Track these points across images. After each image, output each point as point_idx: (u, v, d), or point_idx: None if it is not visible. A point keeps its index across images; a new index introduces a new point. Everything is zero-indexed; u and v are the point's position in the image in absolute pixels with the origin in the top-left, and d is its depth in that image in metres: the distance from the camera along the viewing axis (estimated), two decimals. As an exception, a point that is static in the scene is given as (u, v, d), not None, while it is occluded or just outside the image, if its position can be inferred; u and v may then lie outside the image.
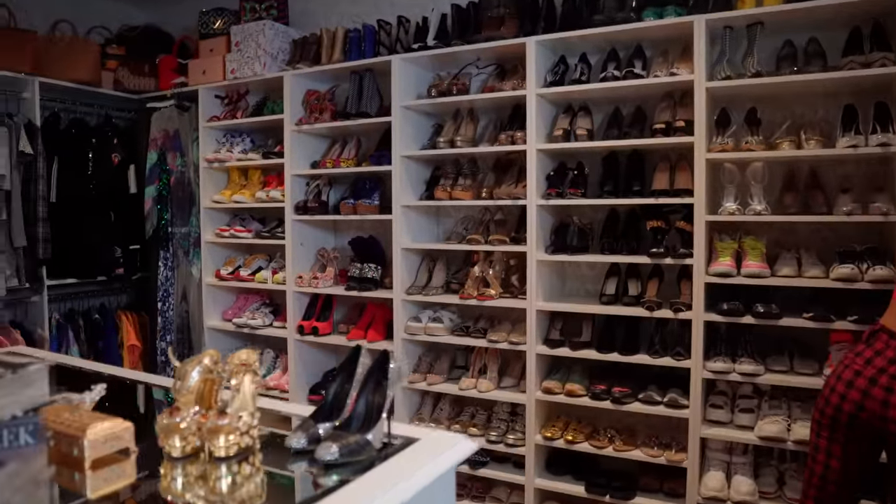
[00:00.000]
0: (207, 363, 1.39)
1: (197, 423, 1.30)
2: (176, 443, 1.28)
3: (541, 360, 2.89)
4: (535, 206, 2.82)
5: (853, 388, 1.62)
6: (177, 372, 1.39)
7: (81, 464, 1.23)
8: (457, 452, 1.32)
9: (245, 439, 1.29)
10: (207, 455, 1.27)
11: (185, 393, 1.36)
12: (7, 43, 3.43)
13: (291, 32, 3.59)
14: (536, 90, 2.78)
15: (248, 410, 1.33)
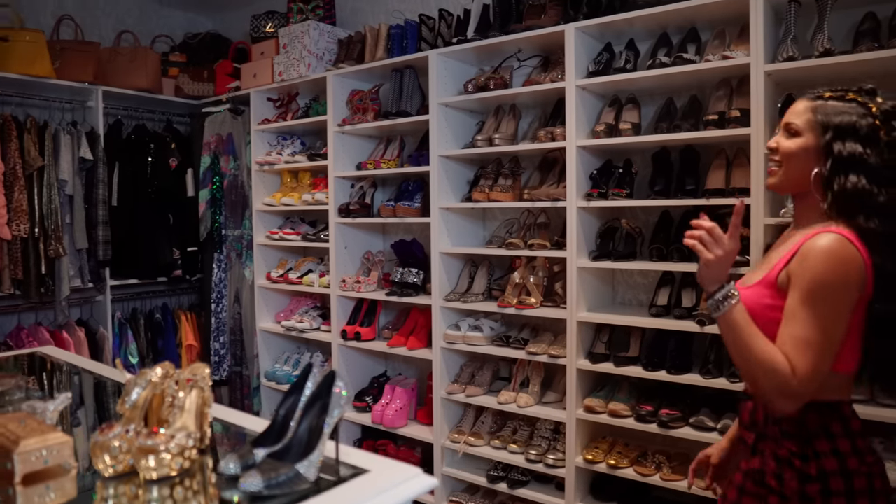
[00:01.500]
0: (155, 377, 1.30)
1: (129, 441, 1.21)
2: (106, 461, 1.20)
3: (585, 376, 2.67)
4: (575, 208, 2.60)
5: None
6: (126, 385, 1.31)
7: (13, 478, 1.18)
8: (408, 489, 1.16)
9: (177, 461, 1.19)
10: (142, 476, 1.19)
11: (130, 408, 1.28)
12: (73, 55, 3.57)
13: (338, 32, 3.53)
14: (577, 81, 2.56)
15: (186, 430, 1.23)
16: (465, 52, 2.95)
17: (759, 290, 1.33)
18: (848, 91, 1.33)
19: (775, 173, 1.37)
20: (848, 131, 1.27)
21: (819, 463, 1.26)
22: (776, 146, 1.36)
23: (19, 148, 3.31)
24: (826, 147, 1.29)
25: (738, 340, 1.26)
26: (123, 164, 3.75)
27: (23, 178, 3.31)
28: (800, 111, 1.34)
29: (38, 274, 3.40)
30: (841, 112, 1.29)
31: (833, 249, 1.22)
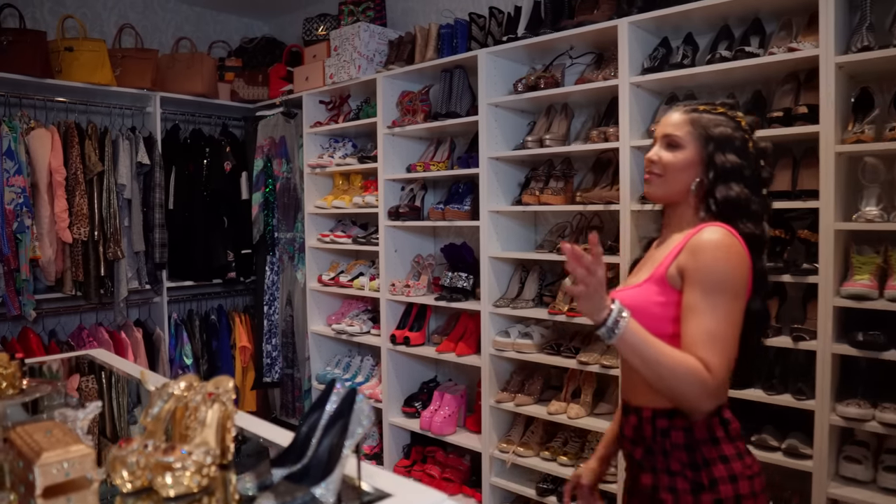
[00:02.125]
0: (178, 390, 1.28)
1: (147, 456, 1.18)
2: (124, 476, 1.17)
3: (637, 387, 2.53)
4: (629, 212, 2.47)
5: None
6: (150, 397, 1.29)
7: (34, 490, 1.17)
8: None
9: (195, 479, 1.15)
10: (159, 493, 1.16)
11: (151, 421, 1.26)
12: (133, 63, 3.66)
13: (388, 33, 3.49)
14: (631, 79, 2.43)
15: (206, 447, 1.19)
16: (516, 51, 2.86)
17: (648, 288, 1.33)
18: (715, 104, 1.37)
19: (656, 183, 1.38)
20: (727, 143, 1.32)
21: (709, 471, 1.26)
22: (657, 159, 1.36)
23: (80, 154, 3.40)
24: (709, 158, 1.32)
25: (645, 357, 1.20)
26: (180, 167, 3.82)
27: (84, 182, 3.40)
28: (678, 123, 1.36)
29: (98, 276, 3.49)
30: (718, 124, 1.33)
31: (724, 241, 1.25)
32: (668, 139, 1.37)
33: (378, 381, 3.54)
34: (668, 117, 1.39)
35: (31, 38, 3.36)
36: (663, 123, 1.39)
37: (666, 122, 1.39)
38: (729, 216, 1.30)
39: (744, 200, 1.31)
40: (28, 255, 3.27)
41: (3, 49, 3.27)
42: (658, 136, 1.40)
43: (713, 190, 1.32)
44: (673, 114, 1.39)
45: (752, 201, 1.32)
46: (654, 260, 1.39)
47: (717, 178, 1.32)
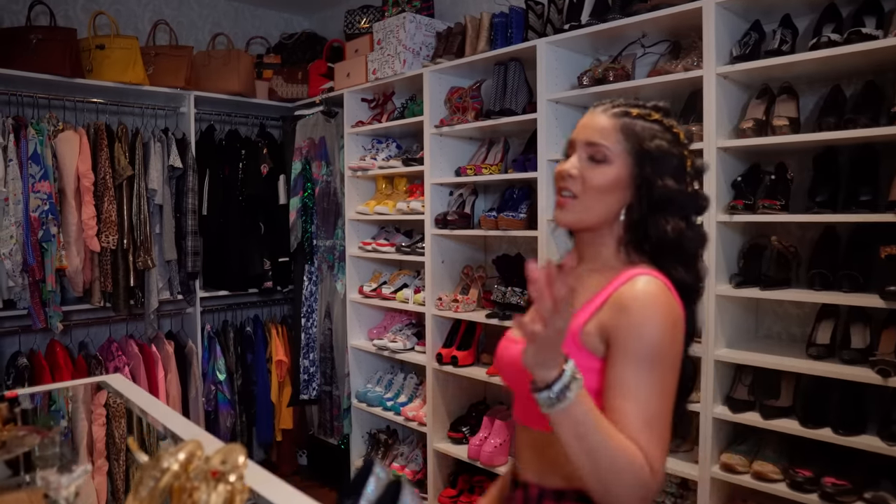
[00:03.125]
0: (176, 464, 1.01)
1: (132, 555, 0.92)
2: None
3: (722, 426, 2.19)
4: (714, 223, 2.13)
5: None
6: (141, 471, 1.03)
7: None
8: None
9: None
10: None
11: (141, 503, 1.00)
12: (166, 60, 3.47)
13: (436, 24, 3.20)
14: (717, 69, 2.09)
15: (205, 542, 0.92)
16: (579, 40, 2.54)
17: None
18: (651, 110, 1.11)
19: (571, 207, 1.09)
20: (665, 162, 1.07)
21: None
22: (577, 174, 1.07)
23: (109, 157, 3.22)
24: (644, 181, 1.06)
25: (588, 439, 0.89)
26: (214, 171, 3.62)
27: (112, 188, 3.22)
28: (605, 129, 1.08)
29: (127, 286, 3.31)
30: (654, 136, 1.08)
31: (661, 298, 1.00)
32: (592, 149, 1.08)
33: (422, 402, 3.26)
34: (592, 120, 1.11)
35: (61, 35, 3.19)
36: (585, 127, 1.11)
37: (589, 126, 1.10)
38: (662, 258, 1.07)
39: (681, 239, 1.07)
40: (54, 265, 3.09)
41: (32, 48, 3.10)
42: (578, 142, 1.10)
43: (646, 223, 1.07)
44: (597, 115, 1.11)
45: (689, 239, 1.08)
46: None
47: (652, 207, 1.06)
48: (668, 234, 1.06)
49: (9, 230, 2.97)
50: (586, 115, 1.14)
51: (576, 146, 1.11)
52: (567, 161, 1.11)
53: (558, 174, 1.12)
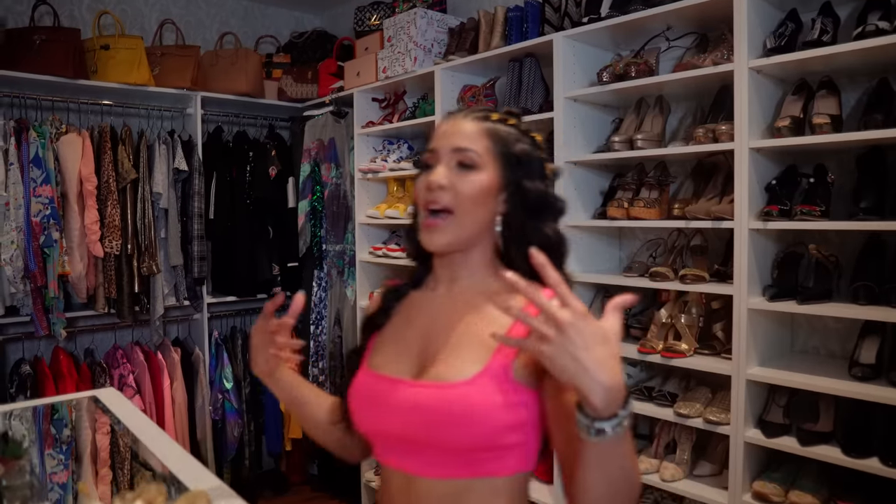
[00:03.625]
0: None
1: None
2: None
3: (754, 451, 2.02)
4: (746, 230, 1.96)
5: None
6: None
7: None
8: None
9: None
10: None
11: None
12: (172, 60, 3.37)
13: (449, 20, 3.06)
14: (750, 62, 1.92)
15: None
16: (599, 34, 2.37)
17: (483, 385, 0.91)
18: (506, 115, 1.06)
19: (444, 226, 0.97)
20: (532, 166, 1.03)
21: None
22: (447, 184, 0.97)
23: (113, 160, 3.12)
24: (517, 186, 1.00)
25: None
26: (221, 173, 3.51)
27: (116, 191, 3.12)
28: (471, 134, 1.01)
29: (132, 292, 3.21)
30: (517, 140, 1.03)
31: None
32: (461, 155, 0.99)
33: (435, 415, 3.12)
34: (455, 125, 1.02)
35: (65, 36, 3.10)
36: (448, 133, 1.02)
37: (453, 132, 1.01)
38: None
39: (561, 242, 1.04)
40: (56, 271, 3.01)
41: (36, 49, 3.01)
42: (442, 150, 1.00)
43: (525, 229, 1.00)
44: (459, 121, 1.03)
45: (564, 241, 1.05)
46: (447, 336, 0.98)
47: (529, 213, 1.01)
48: (551, 238, 1.02)
49: (10, 235, 2.88)
50: (445, 123, 1.05)
51: (439, 155, 1.01)
52: (432, 172, 1.00)
53: (424, 187, 1.00)
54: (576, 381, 0.74)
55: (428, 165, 1.02)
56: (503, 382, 0.91)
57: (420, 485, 0.96)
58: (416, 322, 1.04)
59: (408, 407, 0.94)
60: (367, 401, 1.01)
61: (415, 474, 0.96)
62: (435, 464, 0.95)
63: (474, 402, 0.90)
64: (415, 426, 0.94)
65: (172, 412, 3.31)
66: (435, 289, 1.07)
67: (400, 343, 1.04)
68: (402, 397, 0.95)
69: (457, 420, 0.90)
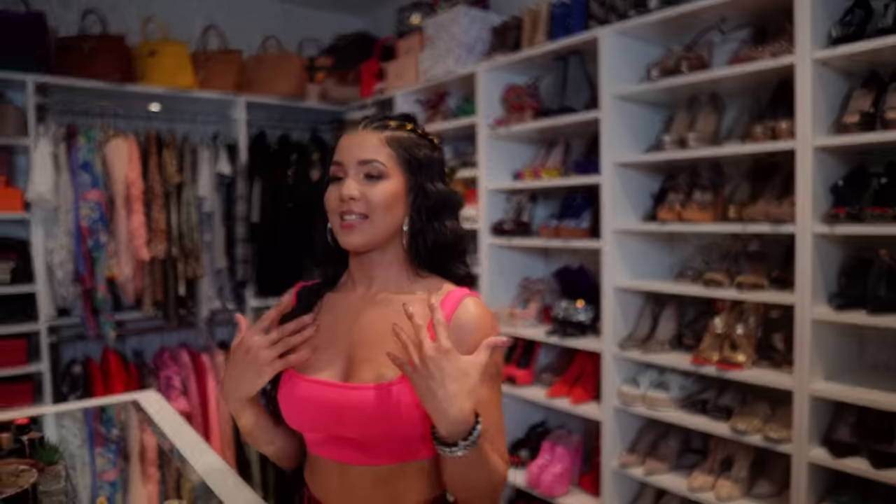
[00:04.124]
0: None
1: None
2: None
3: (818, 471, 1.88)
4: (809, 235, 1.82)
5: None
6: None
7: None
8: None
9: None
10: None
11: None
12: (216, 65, 3.39)
13: (491, 18, 2.98)
14: (813, 53, 1.78)
15: None
16: (647, 28, 2.26)
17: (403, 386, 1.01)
18: (403, 120, 1.14)
19: (360, 228, 1.06)
20: (432, 168, 1.12)
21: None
22: (359, 195, 1.06)
23: (158, 164, 3.15)
24: (420, 189, 1.10)
25: (481, 467, 0.97)
26: (265, 177, 3.51)
27: (161, 195, 3.15)
28: (375, 145, 1.08)
29: (177, 295, 3.23)
30: (417, 145, 1.11)
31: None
32: (367, 167, 1.07)
33: (478, 423, 3.04)
34: (357, 139, 1.09)
35: (113, 43, 3.15)
36: (352, 146, 1.09)
37: (357, 145, 1.08)
38: (444, 260, 1.12)
39: (460, 237, 1.13)
40: (104, 274, 3.04)
41: (85, 56, 3.07)
42: (348, 164, 1.08)
43: (426, 229, 1.10)
44: (361, 134, 1.10)
45: (463, 235, 1.14)
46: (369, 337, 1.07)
47: (430, 213, 1.10)
48: (448, 235, 1.11)
49: (59, 239, 2.93)
50: (347, 137, 1.11)
51: (346, 168, 1.08)
52: (343, 185, 1.07)
53: (339, 199, 1.07)
54: (428, 408, 0.91)
55: (337, 178, 1.08)
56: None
57: (353, 472, 1.06)
58: (339, 324, 1.11)
59: (341, 408, 1.03)
60: (301, 403, 1.07)
61: (348, 463, 1.06)
62: (367, 455, 1.05)
63: (402, 401, 1.00)
64: (348, 424, 1.03)
65: (217, 413, 3.32)
66: (353, 290, 1.15)
67: (328, 346, 1.10)
68: (335, 399, 1.04)
69: (388, 417, 1.00)
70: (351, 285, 1.16)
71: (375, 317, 1.09)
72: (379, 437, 1.03)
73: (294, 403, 1.08)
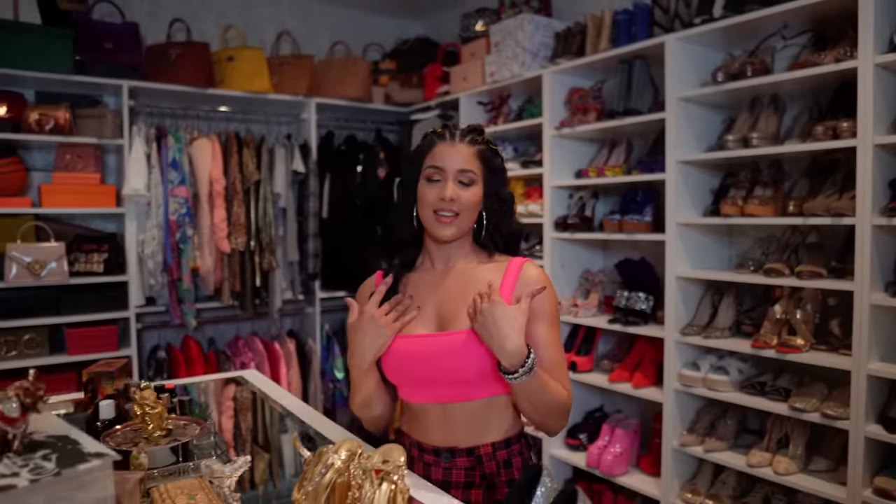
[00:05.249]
0: (339, 461, 1.03)
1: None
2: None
3: (872, 446, 2.03)
4: (868, 226, 1.97)
5: None
6: (304, 466, 1.06)
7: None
8: None
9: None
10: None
11: (308, 496, 1.02)
12: (289, 69, 3.61)
13: (554, 24, 3.16)
14: (875, 58, 1.93)
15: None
16: (711, 35, 2.42)
17: None
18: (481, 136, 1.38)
19: (453, 223, 1.33)
20: (501, 175, 1.38)
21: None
22: (457, 197, 1.31)
23: (239, 163, 3.38)
24: (495, 193, 1.36)
25: (544, 392, 1.25)
26: (333, 175, 3.72)
27: (241, 192, 3.37)
28: (470, 157, 1.34)
29: (254, 286, 3.46)
30: (493, 155, 1.37)
31: (543, 274, 1.35)
32: (464, 176, 1.32)
33: (537, 408, 3.22)
34: (457, 150, 1.33)
35: (197, 49, 3.38)
36: (453, 159, 1.32)
37: (457, 156, 1.33)
38: (510, 246, 1.41)
39: (521, 229, 1.45)
40: (189, 265, 3.28)
41: (172, 62, 3.30)
42: (449, 172, 1.32)
43: (500, 224, 1.38)
44: (458, 146, 1.34)
45: (522, 227, 1.51)
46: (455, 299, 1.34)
47: (503, 212, 1.38)
48: (514, 227, 1.41)
49: (151, 232, 3.17)
50: (446, 146, 1.34)
51: (447, 173, 1.31)
52: (444, 187, 1.30)
53: (438, 198, 1.30)
54: (489, 346, 1.21)
55: (435, 179, 1.32)
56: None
57: (450, 409, 1.33)
58: (426, 294, 1.37)
59: (439, 353, 1.29)
60: (405, 357, 1.33)
61: (446, 402, 1.32)
62: (461, 392, 1.31)
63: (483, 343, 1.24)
64: (445, 366, 1.29)
65: (289, 398, 3.53)
66: (432, 267, 1.40)
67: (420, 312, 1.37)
68: (434, 347, 1.30)
69: (475, 355, 1.25)
70: (429, 264, 1.41)
71: (456, 285, 1.36)
72: (470, 374, 1.28)
73: (399, 359, 1.33)
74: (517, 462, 1.35)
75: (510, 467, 1.34)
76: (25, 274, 2.99)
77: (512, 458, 1.35)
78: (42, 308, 3.06)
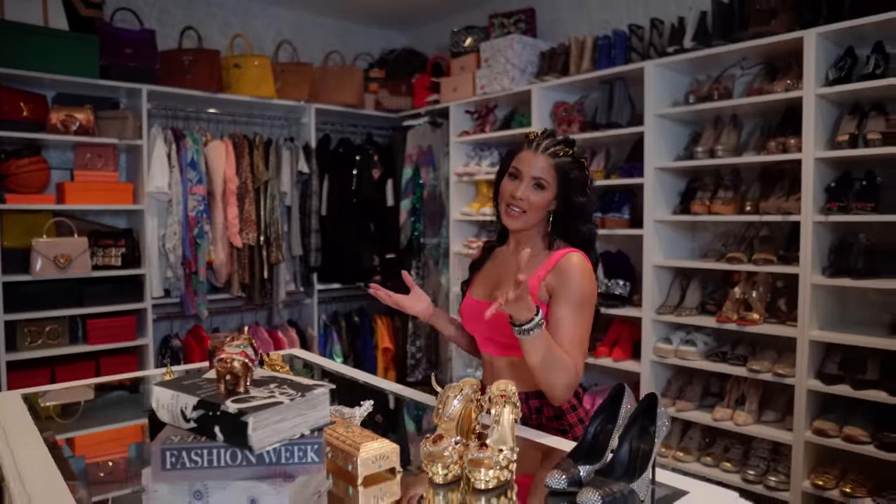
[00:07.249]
0: (468, 391, 1.41)
1: (459, 452, 1.32)
2: (439, 470, 1.31)
3: (811, 397, 2.55)
4: (811, 222, 2.49)
5: None
6: (439, 397, 1.43)
7: (354, 480, 1.32)
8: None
9: (504, 473, 1.27)
10: (466, 485, 1.29)
11: (446, 420, 1.39)
12: (291, 76, 3.90)
13: (539, 44, 3.59)
14: (817, 90, 2.45)
15: (507, 444, 1.31)
16: (682, 63, 2.90)
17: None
18: (565, 146, 1.56)
19: (520, 218, 1.56)
20: (580, 186, 1.56)
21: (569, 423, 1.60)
22: (526, 198, 1.53)
23: (250, 163, 3.65)
24: (566, 197, 1.55)
25: (548, 352, 1.43)
26: (331, 176, 4.04)
27: (252, 191, 3.65)
28: (546, 168, 1.53)
29: (261, 279, 3.73)
30: (572, 168, 1.55)
31: (585, 266, 1.52)
32: (536, 181, 1.53)
33: (523, 383, 3.64)
34: (536, 159, 1.54)
35: (207, 56, 3.63)
36: (531, 166, 1.54)
37: (535, 166, 1.54)
38: (581, 247, 1.57)
39: (591, 235, 1.60)
40: (205, 259, 3.53)
41: (185, 68, 3.54)
42: (525, 176, 1.54)
43: (568, 224, 1.58)
44: (538, 156, 1.54)
45: (594, 233, 1.62)
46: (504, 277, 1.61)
47: (572, 215, 1.57)
48: (586, 233, 1.59)
49: (172, 228, 3.42)
50: (529, 154, 1.55)
51: (523, 176, 1.54)
52: (519, 186, 1.54)
53: (511, 195, 1.55)
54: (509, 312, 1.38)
55: (513, 176, 1.56)
56: (534, 300, 1.48)
57: (497, 361, 1.64)
58: (499, 268, 1.68)
59: (479, 316, 1.56)
60: (471, 316, 1.66)
61: (494, 355, 1.63)
62: (503, 349, 1.59)
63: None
64: (483, 326, 1.59)
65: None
66: (509, 248, 1.68)
67: (489, 280, 1.68)
68: (477, 310, 1.59)
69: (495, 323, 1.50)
70: (509, 245, 1.69)
71: (512, 266, 1.59)
72: (497, 336, 1.59)
73: (463, 316, 1.70)
74: (549, 410, 1.60)
75: (541, 413, 1.60)
76: (51, 267, 3.18)
77: (544, 407, 1.60)
78: (66, 299, 3.25)
